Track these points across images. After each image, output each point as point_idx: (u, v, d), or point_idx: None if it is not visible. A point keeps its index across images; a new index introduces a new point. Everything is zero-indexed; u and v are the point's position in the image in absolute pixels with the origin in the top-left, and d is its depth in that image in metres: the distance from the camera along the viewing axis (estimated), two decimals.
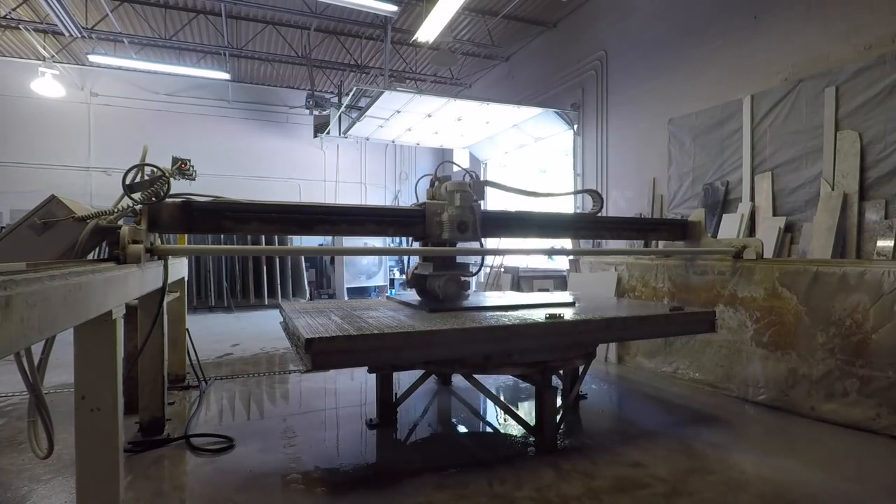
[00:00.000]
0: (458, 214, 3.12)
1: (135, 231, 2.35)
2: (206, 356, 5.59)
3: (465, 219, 3.10)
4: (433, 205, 3.19)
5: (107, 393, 1.83)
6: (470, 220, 3.13)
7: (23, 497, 2.43)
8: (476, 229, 3.17)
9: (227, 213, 2.91)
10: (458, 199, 3.14)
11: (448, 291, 3.21)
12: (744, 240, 4.25)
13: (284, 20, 9.39)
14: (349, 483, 2.60)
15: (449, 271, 3.26)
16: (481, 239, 3.27)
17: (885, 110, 4.48)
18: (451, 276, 3.23)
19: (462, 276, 3.30)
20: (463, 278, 3.30)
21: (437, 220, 3.14)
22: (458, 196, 3.15)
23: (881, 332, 3.16)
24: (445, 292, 3.21)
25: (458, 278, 3.25)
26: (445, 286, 3.19)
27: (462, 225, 3.10)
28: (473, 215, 3.17)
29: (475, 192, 3.23)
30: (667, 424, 3.57)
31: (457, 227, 3.09)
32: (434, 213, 3.15)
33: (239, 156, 12.33)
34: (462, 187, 3.19)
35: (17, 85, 10.44)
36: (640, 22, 7.37)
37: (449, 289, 3.21)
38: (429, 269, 3.30)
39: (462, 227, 3.10)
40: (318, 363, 2.25)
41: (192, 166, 3.28)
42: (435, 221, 3.14)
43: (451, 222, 3.09)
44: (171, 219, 2.75)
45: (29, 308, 1.10)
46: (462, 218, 3.11)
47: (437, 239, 3.15)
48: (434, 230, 3.14)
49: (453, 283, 3.21)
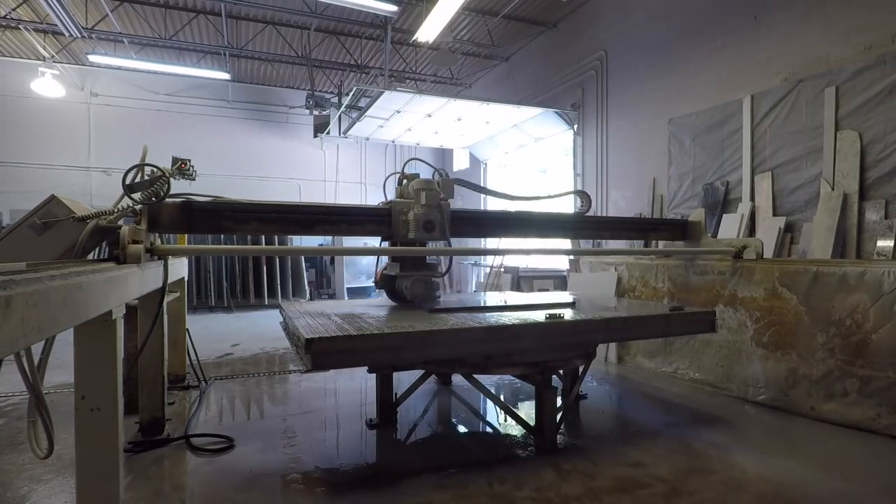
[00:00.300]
0: (423, 213, 3.06)
1: (135, 231, 2.34)
2: (206, 356, 5.59)
3: (432, 218, 3.04)
4: (399, 204, 3.13)
5: (107, 393, 1.83)
6: (437, 219, 3.07)
7: (23, 497, 2.43)
8: (444, 229, 3.10)
9: (227, 213, 2.91)
10: (423, 197, 3.07)
11: (416, 292, 3.16)
12: (744, 240, 4.24)
13: (284, 20, 9.39)
14: (349, 483, 2.60)
15: (417, 272, 3.21)
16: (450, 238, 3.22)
17: (885, 110, 4.48)
18: (419, 276, 3.18)
19: (431, 276, 3.25)
20: (432, 279, 3.25)
21: (403, 219, 3.08)
22: (424, 195, 3.08)
23: (881, 332, 3.16)
24: (413, 293, 3.16)
25: (426, 279, 3.20)
26: (413, 287, 3.15)
27: (428, 224, 3.04)
28: (441, 214, 3.11)
29: (444, 191, 3.16)
30: (667, 424, 3.57)
31: (423, 226, 3.03)
32: (400, 213, 3.10)
33: (239, 156, 12.33)
34: (428, 186, 3.13)
35: (17, 85, 10.44)
36: (640, 22, 7.37)
37: (416, 289, 3.16)
38: (396, 270, 3.25)
39: (428, 226, 3.04)
40: (318, 363, 2.25)
41: (192, 166, 3.27)
42: (401, 221, 3.08)
43: (417, 221, 3.03)
44: (171, 219, 2.75)
45: (29, 308, 1.10)
46: (428, 217, 3.05)
47: (404, 238, 3.10)
48: (400, 229, 3.08)
49: (421, 283, 3.17)
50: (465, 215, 3.70)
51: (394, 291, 3.25)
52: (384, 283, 3.29)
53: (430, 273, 3.24)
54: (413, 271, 3.22)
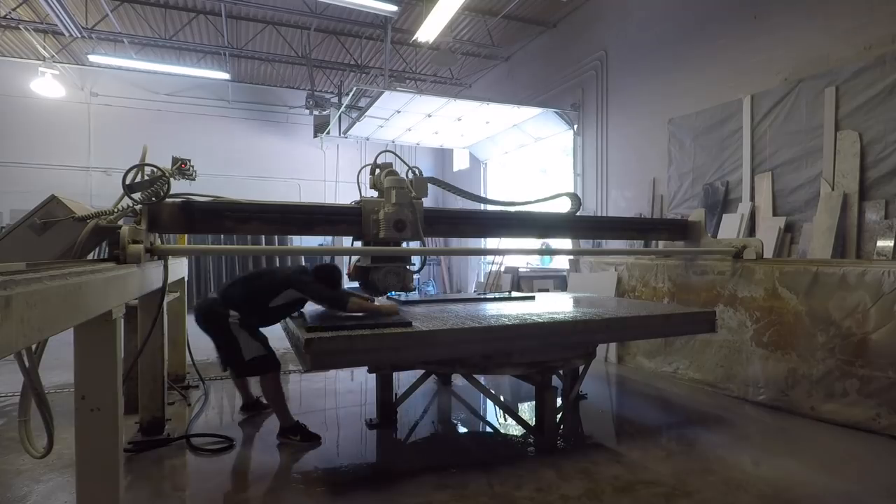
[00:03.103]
0: (394, 213, 2.97)
1: (135, 231, 2.33)
2: (206, 356, 5.58)
3: (402, 217, 2.96)
4: (369, 202, 3.07)
5: (107, 393, 1.83)
6: (408, 218, 2.98)
7: (23, 497, 2.43)
8: (417, 228, 3.02)
9: (227, 213, 2.90)
10: (393, 196, 2.99)
11: (388, 283, 3.09)
12: (744, 240, 4.25)
13: (284, 20, 9.39)
14: (349, 483, 2.60)
15: (389, 263, 3.12)
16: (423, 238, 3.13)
17: (885, 110, 4.48)
18: (392, 268, 3.10)
19: (403, 267, 3.16)
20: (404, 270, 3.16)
21: (373, 218, 3.01)
22: (395, 193, 2.99)
23: (881, 332, 3.16)
24: (386, 284, 3.09)
25: (398, 270, 3.11)
26: (385, 278, 3.08)
27: (399, 224, 2.95)
28: (413, 213, 3.02)
29: (418, 189, 3.08)
30: (667, 424, 3.57)
31: (393, 225, 2.95)
32: (371, 212, 3.03)
33: (239, 156, 12.32)
34: (399, 184, 3.04)
35: (17, 85, 10.43)
36: (640, 22, 7.37)
37: (389, 280, 3.09)
38: (368, 262, 3.15)
39: (399, 225, 2.95)
40: (317, 363, 2.25)
41: (192, 166, 3.26)
42: (371, 220, 3.01)
43: (388, 221, 2.96)
44: (172, 219, 2.74)
45: (29, 308, 1.10)
46: (399, 216, 2.96)
47: (374, 238, 3.03)
48: (370, 229, 3.02)
49: (393, 275, 3.09)
50: (463, 215, 3.72)
51: (368, 283, 3.18)
52: (358, 275, 3.20)
53: (402, 264, 3.16)
54: (385, 263, 3.14)
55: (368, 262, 3.08)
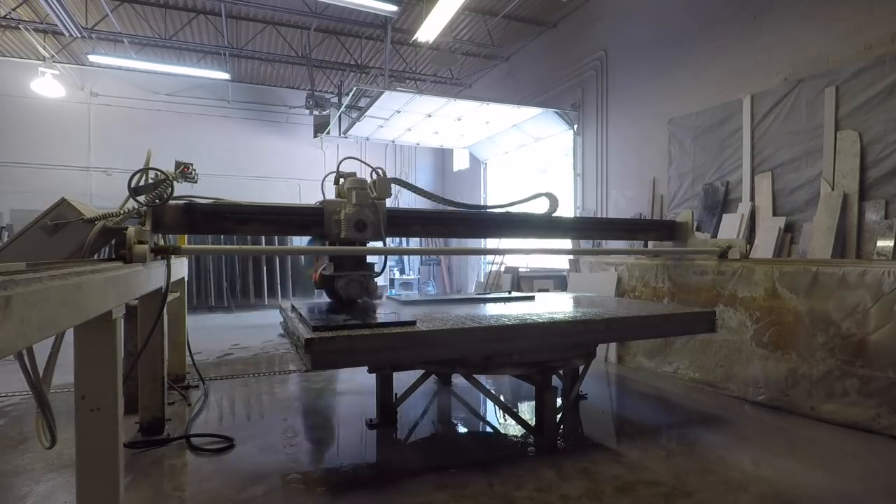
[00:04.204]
0: (354, 213, 3.01)
1: (140, 232, 2.40)
2: (206, 356, 5.59)
3: (363, 217, 3.00)
4: (331, 203, 3.09)
5: (107, 393, 1.83)
6: (369, 218, 3.02)
7: (23, 497, 2.43)
8: (379, 229, 3.06)
9: (228, 214, 3.00)
10: (354, 196, 3.02)
11: (350, 291, 3.09)
12: (728, 240, 4.35)
13: (284, 20, 9.39)
14: (349, 483, 2.60)
15: (351, 272, 3.13)
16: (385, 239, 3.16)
17: (885, 110, 4.48)
18: (353, 276, 3.10)
19: (366, 275, 3.16)
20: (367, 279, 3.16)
21: (335, 218, 3.04)
22: (354, 194, 3.03)
23: (881, 332, 3.16)
24: (348, 292, 3.09)
25: (360, 278, 3.12)
26: (347, 286, 3.09)
27: (359, 224, 2.99)
28: (375, 214, 3.06)
29: (381, 190, 3.09)
30: (667, 424, 3.57)
31: (354, 225, 2.99)
32: (333, 212, 3.06)
33: (239, 156, 12.32)
34: (359, 185, 3.07)
35: (17, 85, 10.44)
36: (640, 22, 7.37)
37: (351, 289, 3.09)
38: (331, 270, 3.16)
39: (359, 226, 2.99)
40: (317, 363, 2.25)
41: (194, 170, 3.35)
42: (333, 220, 3.04)
43: (348, 221, 2.99)
44: (175, 220, 2.85)
45: (29, 308, 1.10)
46: (360, 217, 3.00)
47: (336, 238, 3.06)
48: (332, 229, 3.05)
49: (355, 283, 3.10)
50: (457, 216, 3.76)
51: (333, 291, 3.18)
52: (323, 284, 3.20)
53: (365, 272, 3.16)
54: (347, 271, 3.14)
55: (331, 271, 3.11)
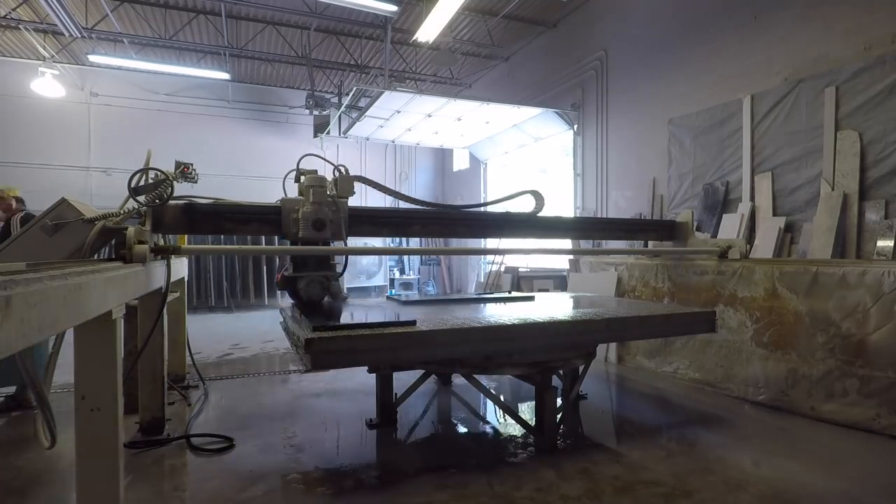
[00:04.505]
0: (312, 212, 2.94)
1: (140, 232, 2.41)
2: (206, 356, 5.59)
3: (321, 216, 2.94)
4: (290, 201, 3.04)
5: (107, 393, 1.83)
6: (327, 217, 2.96)
7: (23, 497, 2.43)
8: (339, 227, 3.00)
9: (228, 214, 3.00)
10: (311, 194, 2.96)
11: (311, 293, 3.03)
12: (728, 240, 4.36)
13: (284, 20, 9.39)
14: (349, 483, 2.60)
15: (312, 272, 3.06)
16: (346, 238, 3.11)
17: (885, 110, 4.48)
18: (315, 277, 3.04)
19: (326, 276, 3.09)
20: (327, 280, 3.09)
21: (293, 217, 2.98)
22: (312, 192, 2.97)
23: (881, 332, 3.16)
24: (308, 294, 3.03)
25: (320, 279, 3.05)
26: (308, 288, 3.03)
27: (318, 223, 2.92)
28: (335, 212, 3.00)
29: (342, 188, 3.06)
30: (667, 424, 3.57)
31: (312, 224, 2.92)
32: (291, 210, 3.00)
33: (239, 156, 12.32)
34: (318, 182, 3.01)
35: (17, 85, 10.43)
36: (640, 22, 7.37)
37: (312, 290, 3.03)
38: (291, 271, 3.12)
39: (318, 224, 2.92)
40: (317, 363, 2.25)
41: (194, 170, 3.35)
42: (291, 219, 2.99)
43: (306, 220, 2.93)
44: (175, 220, 2.85)
45: (29, 308, 1.10)
46: (318, 215, 2.93)
47: (294, 238, 3.00)
48: (290, 228, 2.99)
49: (316, 284, 3.04)
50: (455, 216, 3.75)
51: (295, 293, 3.11)
52: (285, 285, 3.13)
53: (327, 273, 3.09)
54: (308, 272, 3.08)
55: (291, 272, 3.07)
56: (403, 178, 14.01)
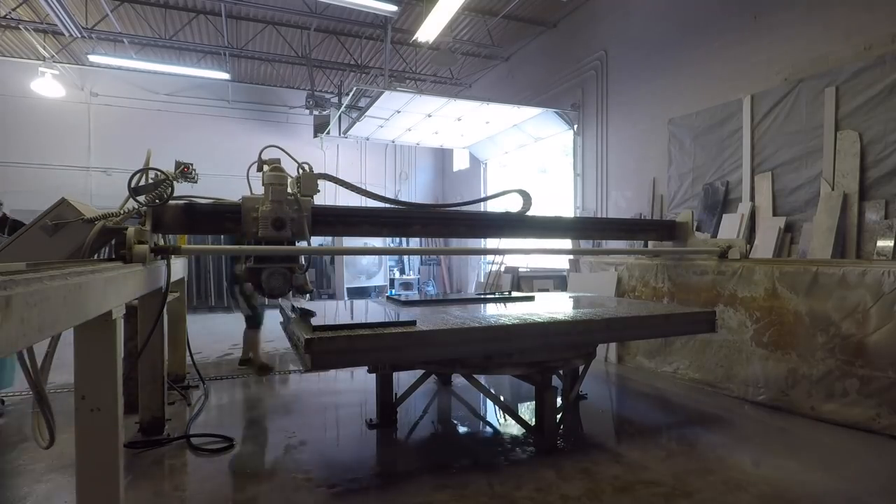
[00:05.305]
0: (272, 210, 2.78)
1: (140, 232, 2.39)
2: (206, 356, 5.59)
3: (281, 215, 2.78)
4: (250, 199, 2.89)
5: (107, 393, 1.83)
6: (287, 216, 2.80)
7: (23, 497, 2.43)
8: (302, 227, 2.85)
9: (228, 214, 2.97)
10: (270, 192, 2.81)
11: (273, 285, 2.85)
12: (728, 240, 4.37)
13: (284, 20, 9.38)
14: (349, 483, 2.60)
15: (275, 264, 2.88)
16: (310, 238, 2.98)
17: (885, 110, 4.47)
18: (275, 269, 2.84)
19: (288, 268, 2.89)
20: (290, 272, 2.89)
21: (252, 216, 2.83)
22: (272, 190, 2.81)
23: (881, 332, 3.16)
24: (270, 286, 2.86)
25: (283, 271, 2.86)
26: (269, 279, 2.85)
27: (277, 222, 2.77)
28: (297, 211, 2.86)
29: (306, 186, 2.93)
30: (667, 424, 3.57)
31: (272, 224, 2.77)
32: (250, 209, 2.85)
33: (239, 156, 12.21)
34: (277, 179, 2.83)
35: (17, 85, 10.43)
36: (640, 22, 7.37)
37: (273, 282, 2.85)
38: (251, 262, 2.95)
39: (278, 224, 2.77)
40: (317, 363, 2.25)
41: (194, 169, 3.34)
42: (251, 218, 2.83)
43: (265, 219, 2.77)
44: (175, 220, 2.83)
45: (29, 308, 1.10)
46: (277, 214, 2.77)
47: (254, 237, 2.86)
48: (250, 227, 2.84)
49: (278, 276, 2.85)
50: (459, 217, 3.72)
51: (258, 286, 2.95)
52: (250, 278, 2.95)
53: (290, 265, 2.91)
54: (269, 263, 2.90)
55: (251, 263, 2.93)
56: (403, 178, 14.01)
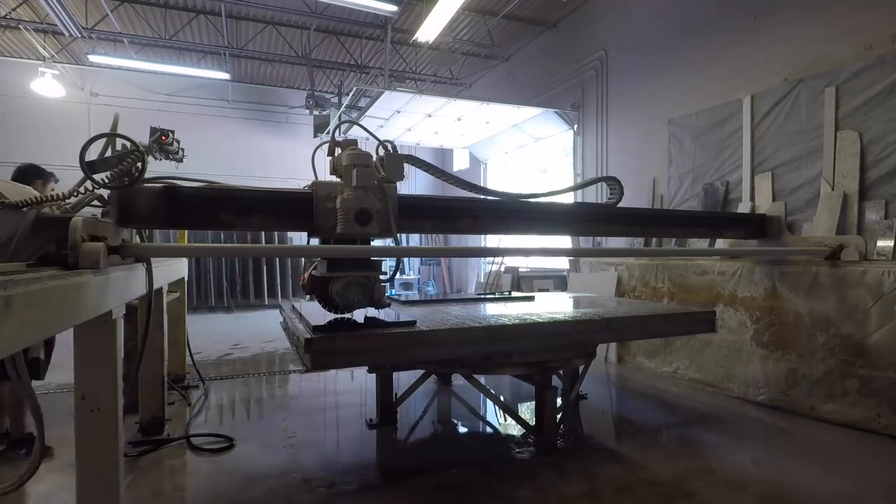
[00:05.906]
0: (354, 199, 2.18)
1: (93, 225, 1.75)
2: (207, 356, 5.59)
3: (368, 205, 2.18)
4: (323, 186, 2.31)
5: (107, 393, 1.83)
6: (374, 207, 2.20)
7: (23, 497, 2.43)
8: (389, 221, 2.29)
9: (225, 202, 2.23)
10: (355, 177, 2.22)
11: (349, 298, 2.35)
12: (840, 238, 3.57)
13: (284, 20, 9.38)
14: (349, 483, 2.60)
15: (350, 272, 2.35)
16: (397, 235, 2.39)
17: (885, 110, 4.47)
18: (352, 278, 2.33)
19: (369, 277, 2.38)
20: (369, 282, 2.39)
21: (328, 206, 2.25)
22: (356, 172, 2.22)
23: (881, 332, 3.16)
24: (346, 299, 2.35)
25: (361, 281, 2.35)
26: (344, 291, 2.33)
27: (362, 214, 2.16)
28: (383, 201, 2.29)
29: (391, 170, 2.34)
30: (667, 424, 3.57)
31: (354, 217, 2.16)
32: (325, 198, 2.27)
33: (239, 156, 12.31)
34: (362, 160, 2.27)
35: (17, 85, 10.43)
36: (640, 22, 7.36)
37: (351, 295, 2.34)
38: (324, 270, 2.41)
39: (362, 217, 2.16)
40: (318, 363, 2.25)
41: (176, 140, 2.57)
42: (326, 209, 2.25)
43: (346, 210, 2.16)
44: (149, 209, 2.06)
45: (29, 308, 1.10)
46: (362, 204, 2.17)
47: (330, 233, 2.29)
48: (324, 221, 2.27)
49: (356, 287, 2.35)
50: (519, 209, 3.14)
51: (326, 296, 2.42)
52: (313, 288, 2.48)
53: (369, 273, 2.39)
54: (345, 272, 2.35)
55: (324, 271, 2.38)
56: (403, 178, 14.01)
